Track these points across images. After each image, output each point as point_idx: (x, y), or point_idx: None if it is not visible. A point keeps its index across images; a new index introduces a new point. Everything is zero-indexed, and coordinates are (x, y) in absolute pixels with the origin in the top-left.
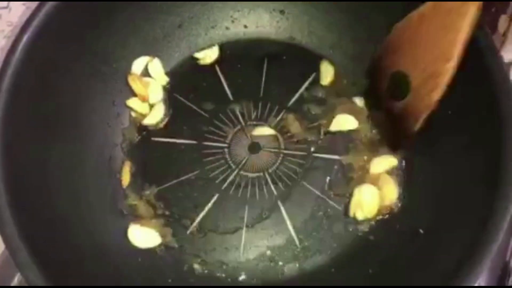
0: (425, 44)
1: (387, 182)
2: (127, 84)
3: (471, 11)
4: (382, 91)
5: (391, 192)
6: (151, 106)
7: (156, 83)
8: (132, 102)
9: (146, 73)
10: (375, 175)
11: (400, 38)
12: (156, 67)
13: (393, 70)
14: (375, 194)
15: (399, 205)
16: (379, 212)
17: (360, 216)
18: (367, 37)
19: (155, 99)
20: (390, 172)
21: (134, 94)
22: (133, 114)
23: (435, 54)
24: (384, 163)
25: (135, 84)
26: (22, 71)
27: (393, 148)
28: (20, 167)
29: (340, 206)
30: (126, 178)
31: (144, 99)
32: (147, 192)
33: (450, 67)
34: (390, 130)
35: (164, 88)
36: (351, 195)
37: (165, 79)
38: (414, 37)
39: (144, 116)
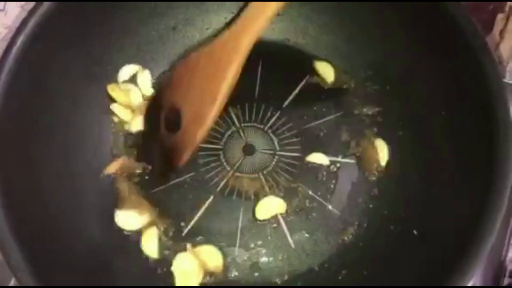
0: (199, 84)
1: (379, 144)
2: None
3: (237, 60)
4: (160, 122)
5: (383, 152)
6: (133, 112)
7: (138, 90)
8: (115, 107)
9: (133, 81)
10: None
11: (180, 74)
12: (145, 78)
13: (171, 104)
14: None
15: (394, 206)
16: (380, 172)
17: None
18: (361, 38)
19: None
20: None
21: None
22: (115, 119)
23: (205, 95)
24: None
25: (115, 93)
26: (16, 73)
27: (161, 176)
28: (13, 169)
29: (335, 207)
30: (120, 179)
31: (127, 107)
32: (142, 195)
33: (213, 111)
34: (161, 160)
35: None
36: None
37: (150, 91)
38: (190, 76)
39: (127, 122)
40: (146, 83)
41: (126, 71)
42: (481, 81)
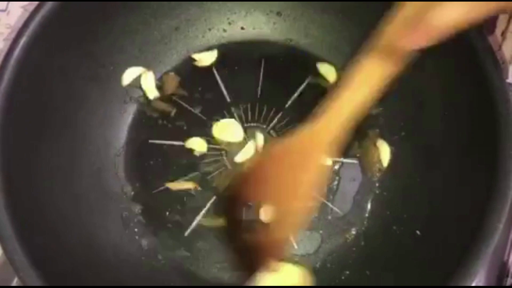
0: (280, 179)
1: (380, 145)
2: (122, 86)
3: (318, 156)
4: (240, 221)
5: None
6: None
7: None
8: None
9: (136, 83)
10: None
11: (256, 171)
12: (149, 80)
13: (246, 202)
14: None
15: (397, 206)
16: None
17: None
18: (364, 38)
19: None
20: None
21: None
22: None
23: (287, 192)
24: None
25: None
26: (19, 74)
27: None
28: (17, 170)
29: (337, 207)
30: (123, 180)
31: None
32: (145, 195)
33: (297, 207)
34: (244, 259)
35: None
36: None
37: (155, 93)
38: (268, 171)
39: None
40: (150, 85)
41: (130, 73)
42: (484, 82)
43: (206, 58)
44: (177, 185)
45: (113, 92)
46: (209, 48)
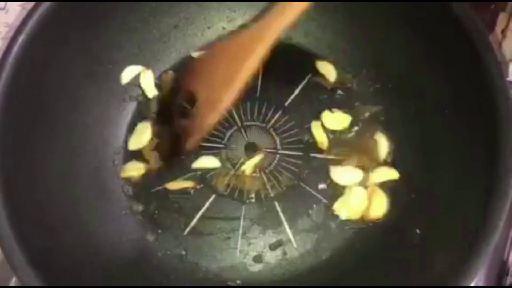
0: (218, 71)
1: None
2: (121, 85)
3: (258, 51)
4: (174, 107)
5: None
6: None
7: None
8: None
9: (135, 82)
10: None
11: (201, 62)
12: (148, 79)
13: (187, 90)
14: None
15: (397, 205)
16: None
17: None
18: (363, 37)
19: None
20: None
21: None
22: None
23: (223, 81)
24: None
25: None
26: (17, 72)
27: (170, 156)
28: (16, 169)
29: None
30: (122, 179)
31: None
32: (144, 194)
33: (227, 97)
34: (170, 144)
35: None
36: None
37: (154, 91)
38: (211, 63)
39: None
40: (149, 84)
41: (129, 72)
42: (484, 80)
43: None
44: (176, 185)
45: (112, 91)
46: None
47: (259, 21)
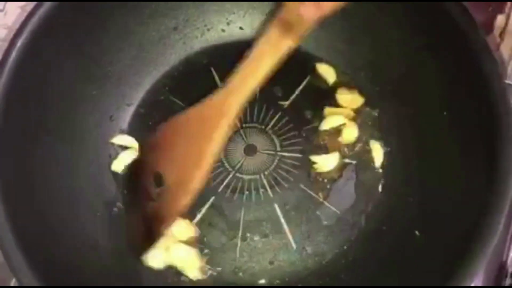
0: (182, 148)
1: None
2: (120, 88)
3: (223, 124)
4: (142, 189)
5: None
6: None
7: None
8: None
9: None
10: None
11: (165, 136)
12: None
13: (154, 169)
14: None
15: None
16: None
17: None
18: (362, 39)
19: None
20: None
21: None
22: None
23: (189, 159)
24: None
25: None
26: (17, 74)
27: (144, 244)
28: (15, 171)
29: (336, 209)
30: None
31: None
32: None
33: (198, 176)
34: (141, 229)
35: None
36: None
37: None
38: (174, 139)
39: None
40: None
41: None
42: (483, 82)
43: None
44: None
45: (110, 92)
46: (207, 49)
47: (220, 90)
